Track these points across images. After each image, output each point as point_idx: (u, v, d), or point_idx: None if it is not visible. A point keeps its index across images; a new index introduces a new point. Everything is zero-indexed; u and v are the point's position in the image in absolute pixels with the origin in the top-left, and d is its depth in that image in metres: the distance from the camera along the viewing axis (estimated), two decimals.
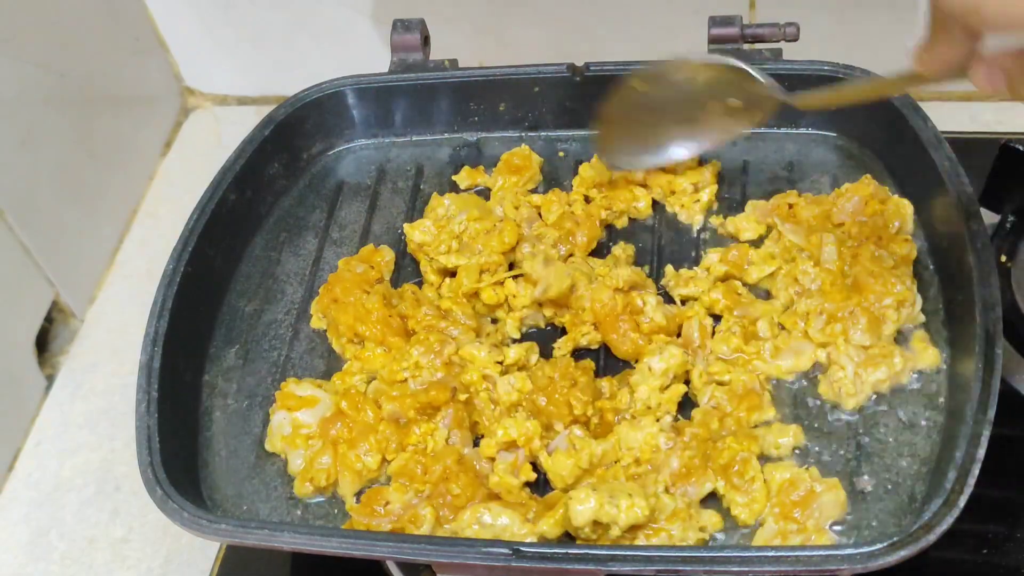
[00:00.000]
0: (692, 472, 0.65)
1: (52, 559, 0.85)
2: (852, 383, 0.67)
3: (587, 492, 0.61)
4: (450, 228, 0.79)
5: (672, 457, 0.65)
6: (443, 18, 0.94)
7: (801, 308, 0.71)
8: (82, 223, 1.02)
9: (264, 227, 0.86)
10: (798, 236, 0.75)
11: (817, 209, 0.76)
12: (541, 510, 0.64)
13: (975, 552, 0.71)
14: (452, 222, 0.79)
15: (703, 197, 0.80)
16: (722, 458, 0.65)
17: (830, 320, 0.70)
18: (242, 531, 0.64)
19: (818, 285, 0.72)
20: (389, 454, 0.69)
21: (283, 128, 0.87)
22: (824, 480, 0.64)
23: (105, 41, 1.07)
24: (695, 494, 0.65)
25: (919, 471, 0.64)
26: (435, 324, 0.73)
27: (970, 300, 0.66)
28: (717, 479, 0.65)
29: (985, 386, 0.62)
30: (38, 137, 0.96)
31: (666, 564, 0.58)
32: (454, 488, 0.66)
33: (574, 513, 0.61)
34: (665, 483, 0.65)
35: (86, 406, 0.95)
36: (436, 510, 0.65)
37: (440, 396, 0.69)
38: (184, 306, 0.76)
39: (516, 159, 0.85)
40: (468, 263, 0.77)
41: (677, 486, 0.65)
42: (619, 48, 0.91)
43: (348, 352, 0.75)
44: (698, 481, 0.65)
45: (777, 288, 0.74)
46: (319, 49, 1.11)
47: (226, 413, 0.75)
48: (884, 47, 0.98)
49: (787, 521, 0.63)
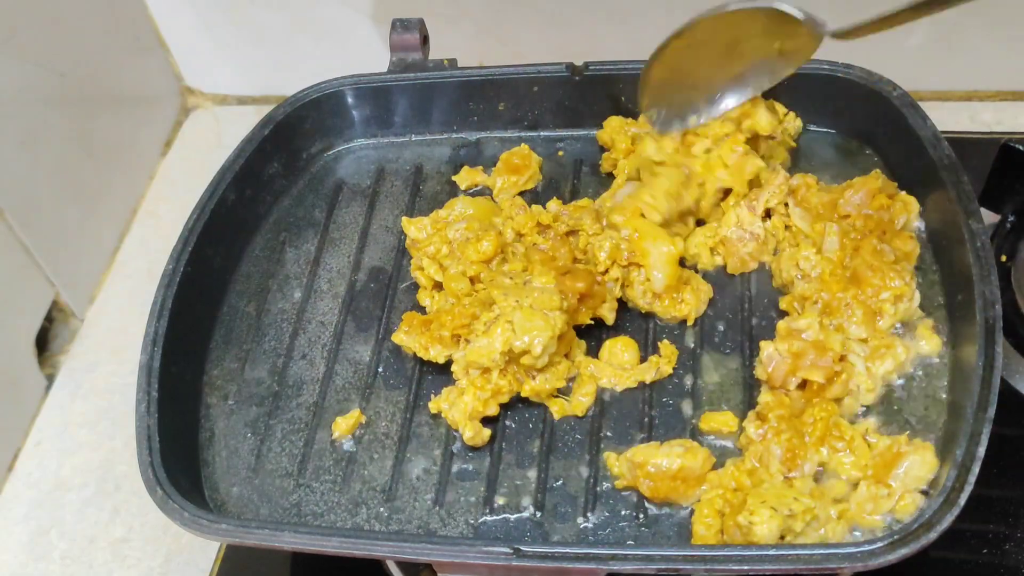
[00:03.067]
0: (798, 452, 0.65)
1: (52, 559, 0.85)
2: (867, 377, 0.68)
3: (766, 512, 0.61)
4: (444, 233, 0.79)
5: (772, 446, 0.65)
6: (443, 18, 0.94)
7: (798, 291, 0.72)
8: (82, 223, 1.02)
9: (264, 227, 0.86)
10: (805, 222, 0.75)
11: (826, 197, 0.76)
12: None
13: (975, 551, 0.71)
14: (450, 228, 0.79)
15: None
16: (816, 430, 0.65)
17: (825, 309, 0.70)
18: (242, 531, 0.64)
19: (818, 273, 0.72)
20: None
21: (282, 128, 0.87)
22: (913, 442, 0.64)
23: (105, 41, 1.07)
24: (810, 471, 0.65)
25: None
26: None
27: (970, 299, 0.66)
28: (820, 450, 0.65)
29: (985, 385, 0.62)
30: (38, 137, 0.96)
31: (666, 563, 0.59)
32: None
33: (761, 534, 0.61)
34: (781, 472, 0.65)
35: (86, 406, 0.95)
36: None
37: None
38: (184, 306, 0.76)
39: (516, 159, 0.85)
40: (449, 274, 0.76)
41: (791, 471, 0.65)
42: (619, 48, 0.91)
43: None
44: (809, 458, 0.65)
45: (779, 268, 0.74)
46: (319, 49, 1.11)
47: (226, 413, 0.75)
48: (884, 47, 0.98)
49: (878, 485, 0.63)
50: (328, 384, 0.76)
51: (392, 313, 0.79)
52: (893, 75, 0.79)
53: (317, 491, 0.70)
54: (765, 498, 0.61)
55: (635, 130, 0.83)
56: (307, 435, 0.73)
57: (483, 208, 0.81)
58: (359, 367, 0.77)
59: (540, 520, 0.67)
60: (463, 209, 0.80)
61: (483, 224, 0.79)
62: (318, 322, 0.80)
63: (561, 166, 0.87)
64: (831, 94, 0.82)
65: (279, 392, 0.76)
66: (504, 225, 0.78)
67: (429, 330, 0.72)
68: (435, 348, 0.72)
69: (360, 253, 0.84)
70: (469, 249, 0.76)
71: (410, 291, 0.80)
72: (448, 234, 0.78)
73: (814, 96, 0.82)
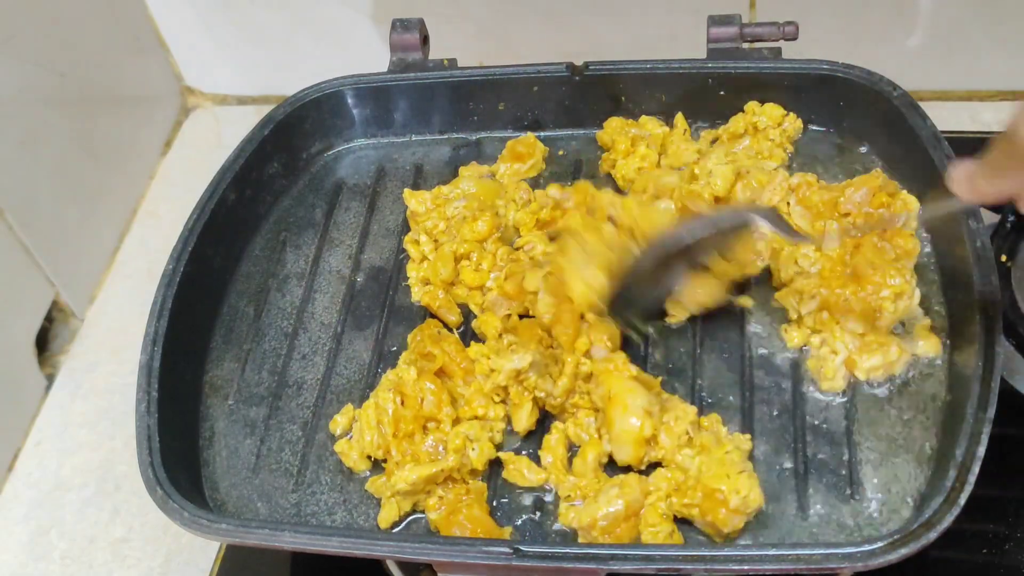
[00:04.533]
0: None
1: (52, 559, 0.85)
2: (834, 367, 0.68)
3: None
4: (443, 209, 0.79)
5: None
6: (443, 18, 0.94)
7: (797, 285, 0.72)
8: (82, 223, 1.02)
9: (264, 227, 0.86)
10: (805, 221, 0.76)
11: (827, 195, 0.76)
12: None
13: (975, 551, 0.71)
14: (450, 204, 0.79)
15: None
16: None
17: (823, 306, 0.70)
18: (242, 531, 0.64)
19: (817, 269, 0.72)
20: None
21: (282, 128, 0.87)
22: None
23: (105, 41, 1.07)
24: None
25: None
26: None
27: (970, 299, 0.66)
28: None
29: (985, 384, 0.62)
30: (38, 137, 0.96)
31: (666, 563, 0.59)
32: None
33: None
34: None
35: (86, 406, 0.95)
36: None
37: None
38: (184, 306, 0.76)
39: (520, 147, 0.86)
40: (442, 252, 0.77)
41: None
42: (619, 48, 0.91)
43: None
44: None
45: (777, 267, 0.74)
46: (319, 49, 1.11)
47: (226, 413, 0.75)
48: (884, 46, 0.98)
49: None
50: (328, 384, 0.76)
51: (392, 313, 0.79)
52: (893, 75, 0.79)
53: (317, 491, 0.70)
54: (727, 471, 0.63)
55: (636, 131, 0.84)
56: (307, 435, 0.73)
57: (487, 188, 0.82)
58: (359, 367, 0.77)
59: (539, 520, 0.67)
60: (467, 187, 0.81)
61: (483, 204, 0.80)
62: (318, 322, 0.80)
63: (561, 166, 0.87)
64: (831, 94, 0.82)
65: (279, 392, 0.76)
66: (506, 208, 0.79)
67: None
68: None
69: (360, 253, 0.84)
70: (465, 228, 0.77)
71: (410, 291, 0.80)
72: (447, 211, 0.79)
73: (814, 96, 0.82)
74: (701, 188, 0.77)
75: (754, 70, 0.82)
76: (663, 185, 0.79)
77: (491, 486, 0.69)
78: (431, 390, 0.69)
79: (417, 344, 0.72)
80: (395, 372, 0.71)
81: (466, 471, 0.68)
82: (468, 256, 0.77)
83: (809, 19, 0.82)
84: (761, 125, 0.82)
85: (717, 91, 0.84)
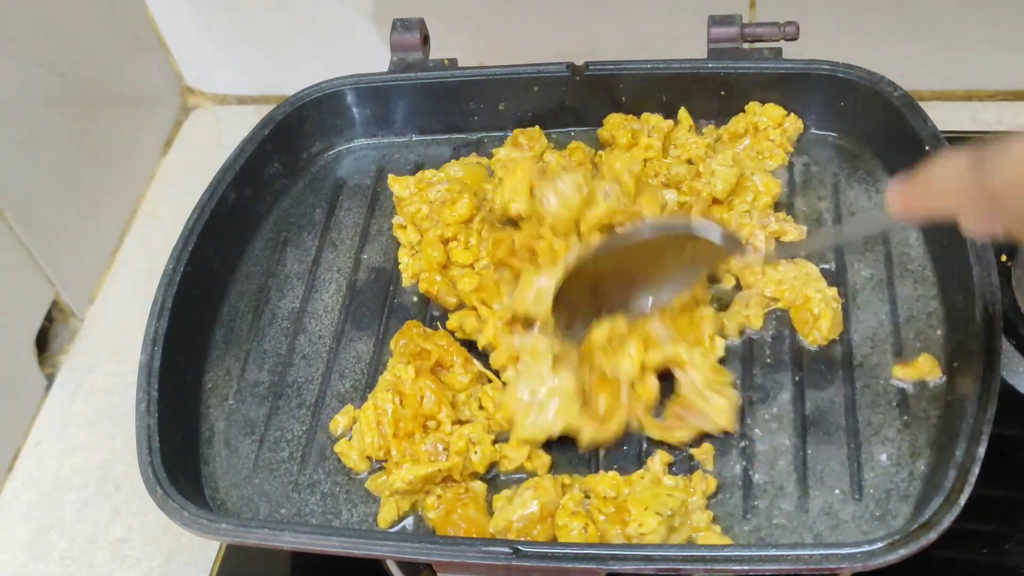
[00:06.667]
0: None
1: (52, 559, 0.85)
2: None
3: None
4: (425, 193, 0.80)
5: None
6: (443, 18, 0.94)
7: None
8: (82, 223, 1.02)
9: (264, 227, 0.86)
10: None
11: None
12: None
13: (975, 552, 0.71)
14: (432, 188, 0.80)
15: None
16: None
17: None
18: (242, 531, 0.64)
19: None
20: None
21: (283, 128, 0.87)
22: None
23: (105, 41, 1.07)
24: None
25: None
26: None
27: (970, 299, 0.66)
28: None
29: (985, 384, 0.62)
30: (38, 137, 0.96)
31: (666, 563, 0.59)
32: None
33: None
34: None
35: (86, 406, 0.95)
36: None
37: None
38: (184, 306, 0.76)
39: (522, 137, 0.86)
40: (428, 237, 0.78)
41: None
42: (619, 48, 0.91)
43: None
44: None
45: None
46: (319, 49, 1.11)
47: (226, 413, 0.75)
48: (884, 46, 0.98)
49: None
50: (328, 384, 0.76)
51: (392, 313, 0.79)
52: (893, 75, 0.79)
53: (317, 491, 0.71)
54: (647, 504, 0.63)
55: (636, 126, 0.83)
56: (307, 435, 0.73)
57: (474, 172, 0.82)
58: (359, 367, 0.77)
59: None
60: (454, 171, 0.82)
61: (467, 187, 0.80)
62: (318, 322, 0.80)
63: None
64: (831, 94, 0.82)
65: (279, 392, 0.76)
66: (494, 192, 0.78)
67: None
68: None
69: (360, 253, 0.84)
70: (445, 211, 0.78)
71: (410, 291, 0.80)
72: (429, 194, 0.79)
73: (814, 96, 0.82)
74: (702, 186, 0.77)
75: (754, 70, 0.82)
76: (673, 175, 0.79)
77: (491, 486, 0.69)
78: (430, 388, 0.69)
79: (407, 345, 0.72)
80: (392, 372, 0.71)
81: (467, 473, 0.68)
82: (455, 238, 0.78)
83: (809, 19, 0.82)
84: (762, 125, 0.82)
85: (718, 91, 0.84)
